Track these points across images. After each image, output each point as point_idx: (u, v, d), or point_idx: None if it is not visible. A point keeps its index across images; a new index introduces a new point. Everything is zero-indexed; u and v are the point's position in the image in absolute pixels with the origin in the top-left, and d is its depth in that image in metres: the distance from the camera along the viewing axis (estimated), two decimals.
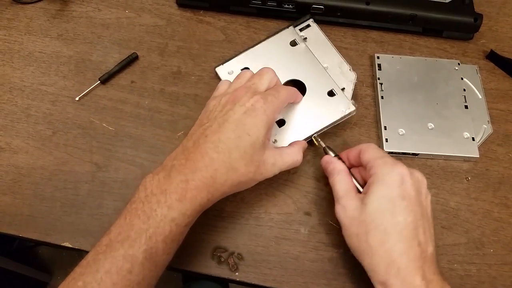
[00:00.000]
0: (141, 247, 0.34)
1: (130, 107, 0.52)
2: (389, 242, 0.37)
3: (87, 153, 0.49)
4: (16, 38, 0.57)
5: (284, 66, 0.50)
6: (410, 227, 0.37)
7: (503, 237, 0.46)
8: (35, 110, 0.52)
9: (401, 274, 0.36)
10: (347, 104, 0.48)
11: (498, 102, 0.54)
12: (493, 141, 0.52)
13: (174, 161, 0.38)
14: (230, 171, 0.38)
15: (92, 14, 0.59)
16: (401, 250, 0.36)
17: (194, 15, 0.60)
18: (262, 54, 0.52)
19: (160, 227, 0.35)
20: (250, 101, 0.40)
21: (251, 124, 0.39)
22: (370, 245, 0.37)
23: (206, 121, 0.41)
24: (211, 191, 0.37)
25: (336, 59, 0.52)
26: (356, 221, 0.39)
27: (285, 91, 0.43)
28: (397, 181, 0.38)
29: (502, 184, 0.49)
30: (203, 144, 0.38)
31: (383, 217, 0.38)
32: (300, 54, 0.52)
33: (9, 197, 0.47)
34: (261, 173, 0.41)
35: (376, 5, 0.56)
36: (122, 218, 0.36)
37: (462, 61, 0.56)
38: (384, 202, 0.38)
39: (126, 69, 0.55)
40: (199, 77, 0.55)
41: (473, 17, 0.56)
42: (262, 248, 0.45)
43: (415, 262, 0.36)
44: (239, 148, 0.38)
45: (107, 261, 0.34)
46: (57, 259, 1.24)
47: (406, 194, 0.38)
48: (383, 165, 0.40)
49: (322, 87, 0.49)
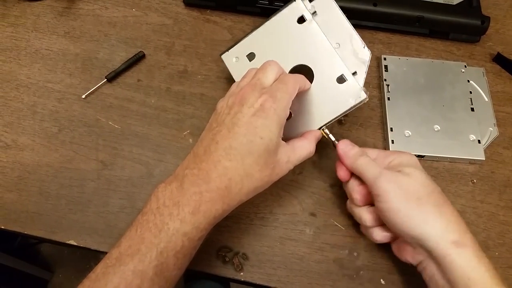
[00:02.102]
0: (152, 263, 0.33)
1: (136, 106, 0.52)
2: (446, 205, 0.39)
3: (93, 151, 0.49)
4: (23, 35, 0.57)
5: (291, 48, 0.46)
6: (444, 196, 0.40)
7: (508, 240, 0.46)
8: (41, 107, 0.52)
9: (469, 233, 0.38)
10: (358, 92, 0.43)
11: (504, 105, 0.54)
12: (499, 144, 0.52)
13: (186, 170, 0.37)
14: (245, 179, 0.36)
15: (99, 12, 0.59)
16: (456, 213, 0.39)
17: (201, 15, 0.60)
18: (267, 37, 0.47)
19: (171, 242, 0.33)
20: (259, 101, 0.37)
21: (263, 126, 0.36)
22: (432, 210, 0.38)
23: (215, 125, 0.39)
24: (226, 201, 0.36)
25: (348, 34, 0.46)
26: (408, 190, 0.38)
27: (293, 80, 0.40)
28: (417, 160, 0.42)
29: (508, 187, 0.49)
30: (214, 152, 0.36)
31: (431, 183, 0.40)
32: (308, 32, 0.45)
33: (15, 194, 0.47)
34: (277, 174, 0.39)
35: (384, 6, 0.56)
36: (133, 230, 0.35)
37: (469, 63, 0.56)
38: (421, 172, 0.40)
39: (132, 68, 0.55)
40: (205, 76, 0.55)
41: (480, 19, 0.56)
42: (267, 248, 0.45)
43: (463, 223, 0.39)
44: (252, 153, 0.36)
45: (116, 275, 0.33)
46: (59, 256, 1.24)
47: (428, 174, 0.41)
48: (397, 152, 0.43)
49: (331, 72, 0.44)
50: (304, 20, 0.45)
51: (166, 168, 0.49)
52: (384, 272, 0.44)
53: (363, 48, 0.45)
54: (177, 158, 0.49)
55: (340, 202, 0.47)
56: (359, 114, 0.53)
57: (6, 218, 0.45)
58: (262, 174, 0.37)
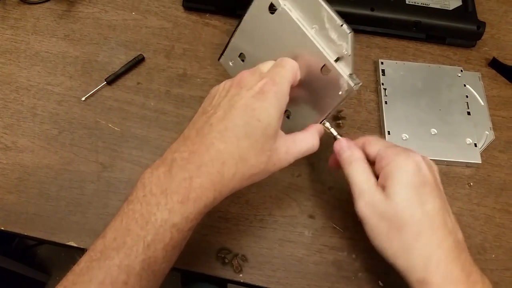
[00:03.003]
0: (138, 257, 0.31)
1: (136, 108, 0.53)
2: (424, 235, 0.34)
3: (93, 153, 0.49)
4: (23, 37, 0.57)
5: (272, 42, 0.42)
6: (439, 215, 0.35)
7: (505, 243, 0.47)
8: (41, 109, 0.52)
9: (440, 268, 0.34)
10: (345, 81, 0.38)
11: (500, 109, 0.55)
12: (495, 148, 0.52)
13: (175, 153, 0.34)
14: (240, 163, 0.34)
15: (99, 15, 0.60)
16: (437, 242, 0.34)
17: (200, 18, 0.60)
18: (248, 34, 0.45)
19: (159, 234, 0.31)
20: (258, 84, 0.35)
21: (261, 109, 0.34)
22: (404, 242, 0.35)
23: (209, 108, 0.36)
24: (218, 188, 0.33)
25: (323, 15, 0.38)
26: (385, 217, 0.36)
27: (289, 63, 0.38)
28: (415, 168, 0.36)
29: (504, 190, 0.50)
30: (208, 134, 0.34)
31: (413, 208, 0.35)
32: (282, 22, 0.40)
33: (15, 195, 0.47)
34: (274, 164, 0.36)
35: (381, 11, 0.57)
36: (118, 220, 0.33)
37: (465, 68, 0.57)
38: (409, 192, 0.35)
39: (132, 71, 0.55)
40: (204, 79, 0.55)
41: (476, 24, 0.57)
42: (266, 250, 0.45)
43: (452, 252, 0.34)
44: (249, 136, 0.34)
45: (101, 270, 0.31)
46: (56, 259, 1.23)
47: (426, 180, 0.36)
48: (396, 154, 0.37)
49: (314, 63, 0.39)
50: (275, 9, 0.41)
51: None
52: (382, 274, 0.44)
53: (340, 27, 0.36)
54: None
55: (339, 205, 0.48)
56: (357, 118, 0.54)
57: (6, 219, 0.46)
58: (258, 160, 0.35)
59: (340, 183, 0.49)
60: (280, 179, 0.49)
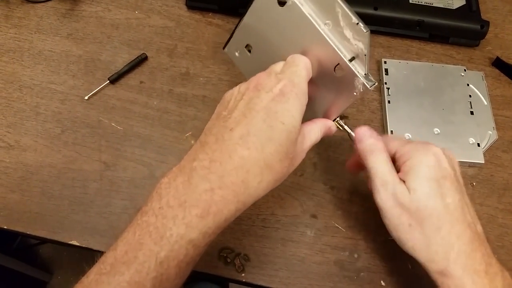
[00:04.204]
0: (150, 274, 0.29)
1: (139, 107, 0.53)
2: (444, 228, 0.34)
3: (96, 152, 0.50)
4: (26, 36, 0.57)
5: (281, 37, 0.40)
6: (459, 207, 0.35)
7: (507, 243, 0.47)
8: (44, 108, 0.52)
9: (461, 259, 0.34)
10: (359, 81, 0.36)
11: (503, 109, 0.55)
12: (498, 147, 0.52)
13: (195, 162, 0.32)
14: (265, 171, 0.32)
15: (102, 14, 0.60)
16: (457, 234, 0.34)
17: (203, 17, 0.60)
18: (255, 26, 0.42)
19: (174, 250, 0.29)
20: (278, 86, 0.33)
21: (284, 111, 0.32)
22: (425, 234, 0.35)
23: (226, 113, 0.34)
24: (242, 199, 0.31)
25: (338, 11, 0.35)
26: (406, 210, 0.35)
27: (303, 60, 0.37)
28: (435, 161, 0.36)
29: (507, 190, 0.50)
30: (228, 140, 0.32)
31: (435, 201, 0.35)
32: (292, 16, 0.38)
33: (18, 194, 0.47)
34: (293, 165, 0.35)
35: (384, 10, 0.57)
36: (131, 232, 0.31)
37: (468, 67, 0.57)
38: (430, 185, 0.35)
39: (135, 70, 0.55)
40: (207, 78, 0.55)
41: (479, 24, 0.57)
42: (268, 250, 0.45)
43: (472, 244, 0.34)
44: (273, 140, 0.32)
45: (110, 286, 0.29)
46: (58, 258, 1.24)
47: (446, 173, 0.36)
48: (416, 149, 0.37)
49: (327, 62, 0.37)
50: (285, 1, 0.38)
51: (168, 170, 0.48)
52: (385, 274, 0.44)
53: (356, 25, 0.34)
54: (179, 160, 0.48)
55: (341, 204, 0.48)
56: (360, 117, 0.53)
57: (9, 218, 0.46)
58: (282, 165, 0.33)
59: (342, 182, 0.49)
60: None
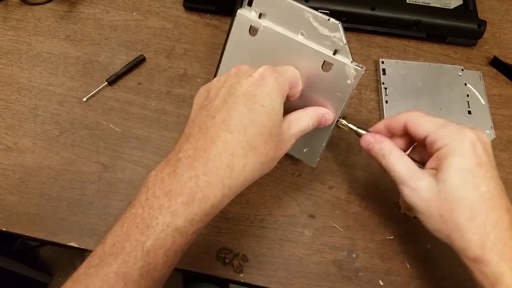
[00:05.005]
0: (137, 263, 0.29)
1: (137, 109, 0.53)
2: (479, 217, 0.34)
3: (94, 153, 0.50)
4: (25, 38, 0.57)
5: (262, 61, 0.39)
6: (494, 195, 0.34)
7: None
8: (43, 110, 0.52)
9: (497, 247, 0.33)
10: (350, 68, 0.37)
11: (501, 108, 0.55)
12: (496, 147, 0.52)
13: (180, 153, 0.32)
14: (249, 152, 0.32)
15: (100, 16, 0.60)
16: (493, 222, 0.34)
17: (201, 19, 0.60)
18: (237, 55, 0.44)
19: (160, 239, 0.30)
20: (258, 71, 0.34)
21: (263, 94, 0.33)
22: (458, 224, 0.34)
23: (207, 102, 0.35)
24: (228, 183, 0.31)
25: (308, 16, 0.38)
26: (435, 201, 0.35)
27: (290, 68, 0.38)
28: (470, 149, 0.35)
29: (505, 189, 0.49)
30: (211, 128, 0.32)
31: (467, 191, 0.34)
32: (268, 40, 0.40)
33: (16, 196, 0.47)
34: (281, 148, 0.36)
35: (381, 10, 0.57)
36: (119, 225, 0.31)
37: (466, 67, 0.57)
38: (464, 175, 0.34)
39: (133, 71, 0.55)
40: (205, 79, 0.55)
41: (476, 23, 0.57)
42: (266, 250, 0.45)
43: (509, 231, 0.34)
44: (255, 122, 0.32)
45: (98, 277, 0.29)
46: (58, 260, 1.24)
47: (481, 160, 0.35)
48: (450, 134, 0.36)
49: (313, 66, 0.39)
50: (256, 30, 0.41)
51: None
52: (383, 274, 0.44)
53: (328, 21, 0.37)
54: None
55: (339, 204, 0.48)
56: (358, 117, 0.54)
57: (7, 220, 0.46)
58: (267, 147, 0.33)
59: (340, 182, 0.49)
60: (280, 178, 0.49)
